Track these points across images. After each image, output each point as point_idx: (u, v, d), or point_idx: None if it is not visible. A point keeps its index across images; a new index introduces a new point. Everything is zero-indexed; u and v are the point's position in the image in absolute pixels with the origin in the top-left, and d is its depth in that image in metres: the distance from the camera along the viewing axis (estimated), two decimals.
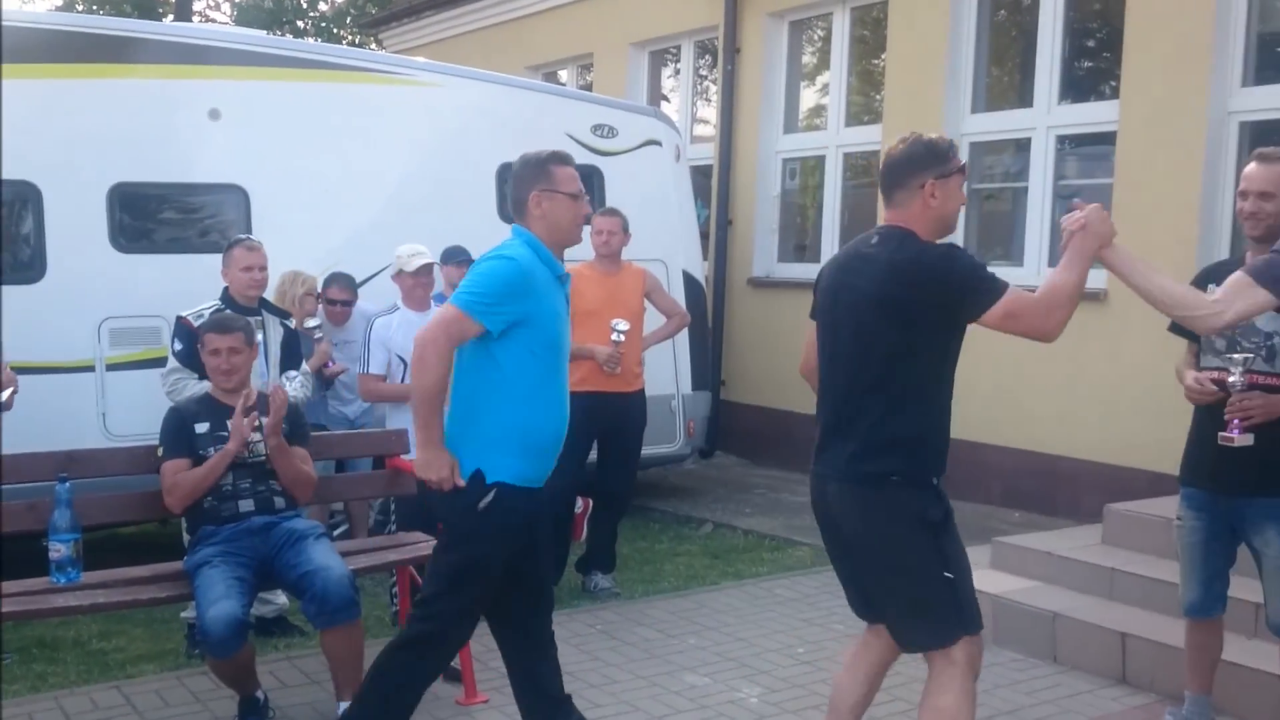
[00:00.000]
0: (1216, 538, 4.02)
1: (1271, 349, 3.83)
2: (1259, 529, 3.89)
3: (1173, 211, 7.00)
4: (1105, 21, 8.00)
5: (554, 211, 3.75)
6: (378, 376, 5.90)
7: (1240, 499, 3.90)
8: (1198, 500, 4.04)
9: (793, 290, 9.73)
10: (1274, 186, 3.81)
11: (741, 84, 10.23)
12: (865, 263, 3.32)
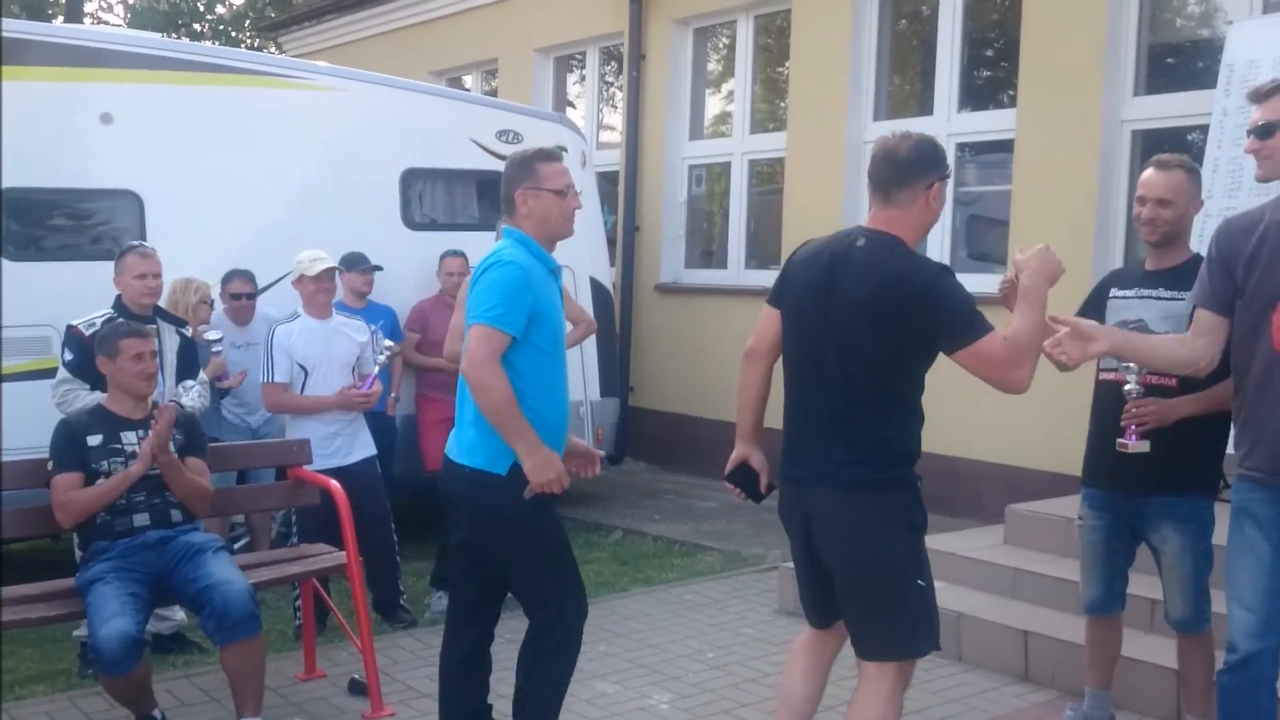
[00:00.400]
0: (1117, 537, 4.08)
1: None
2: (1157, 527, 3.96)
3: (1069, 218, 7.16)
4: (1002, 32, 8.17)
5: (540, 208, 3.75)
6: (281, 385, 5.77)
7: (1139, 498, 3.96)
8: (1099, 500, 4.10)
9: (700, 296, 9.80)
10: (1171, 193, 3.87)
11: (647, 90, 10.25)
12: (855, 267, 3.30)
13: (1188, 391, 3.81)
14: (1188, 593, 3.95)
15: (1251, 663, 3.31)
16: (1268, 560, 3.31)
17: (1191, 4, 7.33)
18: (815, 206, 8.61)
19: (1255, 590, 3.31)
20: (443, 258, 7.31)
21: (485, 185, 8.20)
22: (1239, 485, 3.42)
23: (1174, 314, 3.83)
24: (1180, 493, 3.90)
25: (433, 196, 8.03)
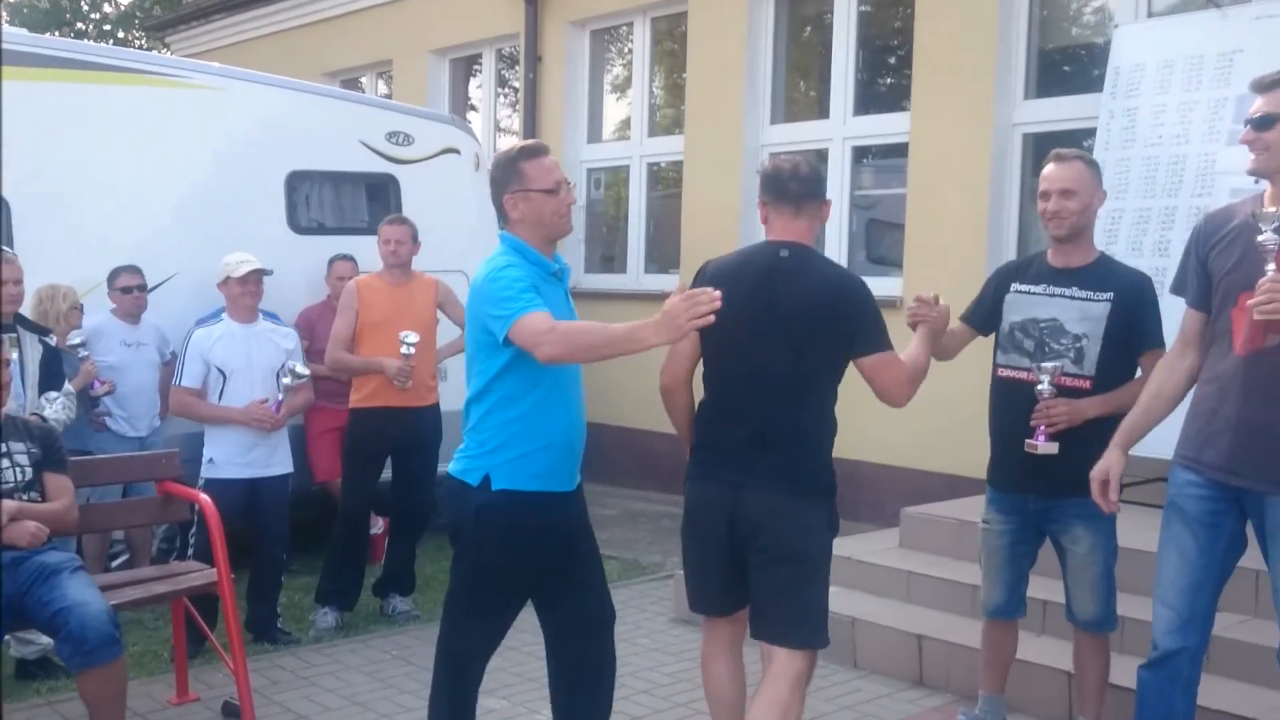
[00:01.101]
0: (1023, 540, 4.03)
1: (1080, 351, 3.84)
2: (1067, 527, 3.91)
3: (963, 220, 7.18)
4: (896, 36, 8.19)
5: (532, 211, 3.50)
6: (191, 390, 5.53)
7: (1048, 500, 3.91)
8: (1005, 503, 4.04)
9: (601, 301, 9.65)
10: (1074, 184, 3.82)
11: (544, 93, 10.12)
12: (794, 276, 3.45)
13: (1101, 393, 3.81)
14: (1099, 591, 3.92)
15: (1170, 661, 3.34)
16: (1193, 558, 3.32)
17: (1079, 8, 7.40)
18: (713, 210, 8.54)
19: (1178, 588, 3.33)
20: (331, 262, 7.11)
21: (375, 188, 7.99)
22: (1174, 473, 3.42)
23: (1091, 315, 3.80)
24: (1089, 494, 3.84)
25: (320, 199, 7.79)
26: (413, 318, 5.92)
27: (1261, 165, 3.27)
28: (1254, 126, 3.24)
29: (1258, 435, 3.20)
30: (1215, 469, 3.29)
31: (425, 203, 7.50)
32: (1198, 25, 6.00)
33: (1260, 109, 3.25)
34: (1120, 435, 3.49)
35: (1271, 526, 3.23)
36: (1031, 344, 3.92)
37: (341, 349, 5.93)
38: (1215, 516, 3.32)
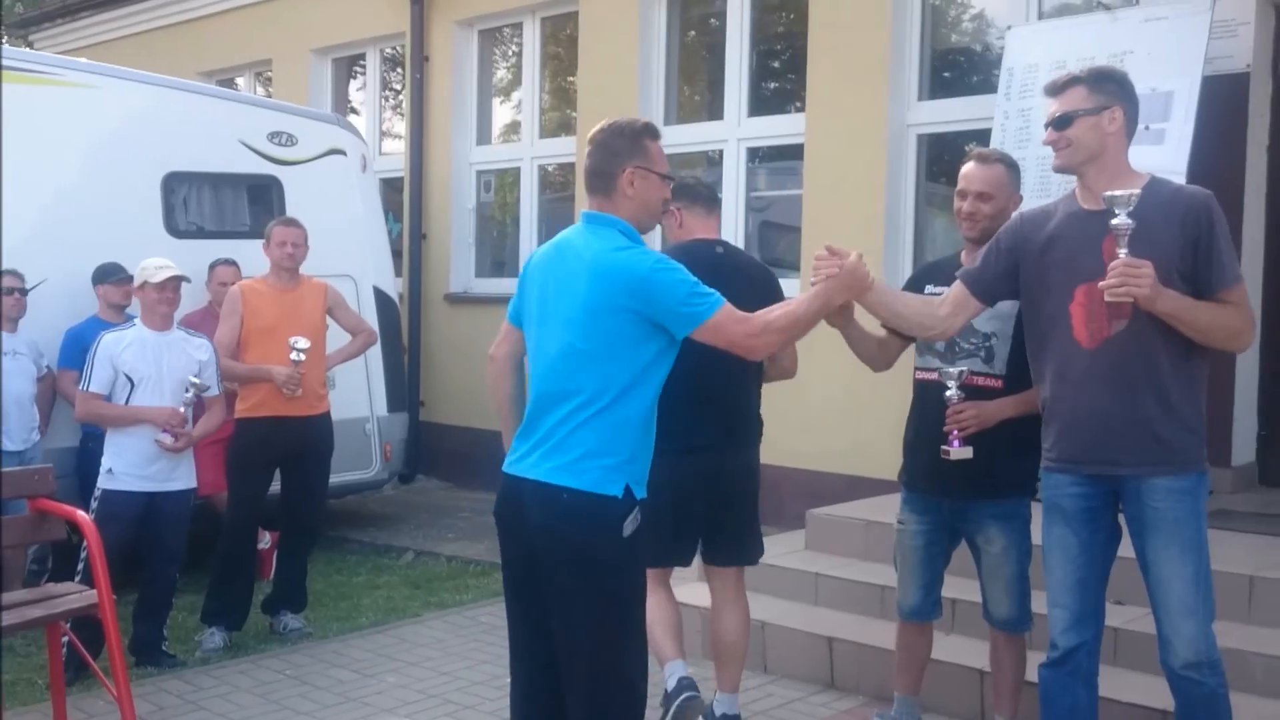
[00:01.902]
0: (938, 541, 4.02)
1: (990, 350, 3.85)
2: (981, 527, 3.91)
3: (859, 221, 7.18)
4: (790, 38, 8.18)
5: (646, 191, 3.26)
6: (96, 395, 5.23)
7: (963, 501, 3.90)
8: (920, 504, 4.02)
9: (493, 306, 9.46)
10: (991, 187, 3.84)
11: (431, 94, 9.90)
12: (732, 270, 3.99)
13: (1010, 394, 3.80)
14: (1013, 591, 3.91)
15: (1070, 658, 3.41)
16: (1076, 555, 3.40)
17: (971, 10, 7.46)
18: None
19: (1067, 586, 3.41)
20: (212, 267, 6.85)
21: (257, 190, 7.72)
22: (1047, 477, 3.48)
23: (1000, 314, 3.80)
24: (1003, 494, 3.87)
25: (199, 202, 7.49)
26: (302, 324, 5.70)
27: (1067, 161, 3.38)
28: (1054, 127, 3.36)
29: (1122, 420, 3.27)
30: (1090, 463, 3.33)
31: (310, 205, 7.27)
32: (1089, 27, 6.07)
33: (1058, 109, 3.37)
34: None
35: (1149, 514, 3.27)
36: (943, 344, 3.91)
37: (226, 356, 5.68)
38: (1091, 512, 3.38)
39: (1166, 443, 3.26)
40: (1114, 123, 3.32)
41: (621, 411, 3.18)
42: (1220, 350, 3.37)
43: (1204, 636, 3.24)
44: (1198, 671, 3.23)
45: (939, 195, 7.45)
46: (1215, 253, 3.22)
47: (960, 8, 7.46)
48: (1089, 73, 3.39)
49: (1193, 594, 3.24)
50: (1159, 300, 3.12)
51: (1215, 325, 3.22)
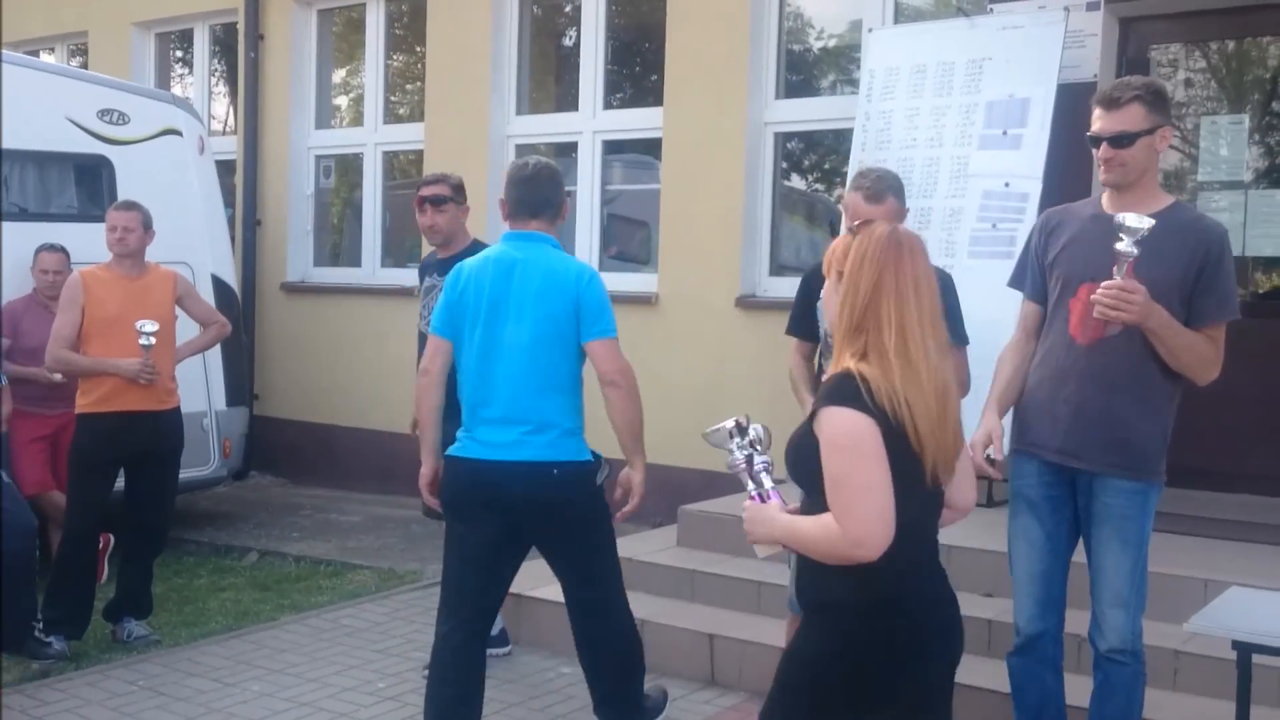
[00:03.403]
0: None
1: None
2: None
3: (717, 217, 7.23)
4: (647, 31, 8.15)
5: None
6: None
7: None
8: None
9: (332, 295, 9.20)
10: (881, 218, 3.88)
11: (267, 74, 9.49)
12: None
13: None
14: None
15: (1035, 645, 3.55)
16: (1041, 544, 3.53)
17: (828, 12, 7.57)
18: None
19: (1031, 575, 3.54)
20: (37, 253, 6.46)
21: (85, 170, 7.27)
22: (1014, 465, 3.59)
23: None
24: None
25: (21, 182, 7.01)
26: (149, 314, 5.37)
27: (1119, 179, 3.41)
28: (1112, 144, 3.36)
29: (1098, 419, 3.41)
30: (1056, 452, 3.48)
31: (144, 188, 6.85)
32: (948, 32, 6.24)
33: (1115, 127, 3.35)
34: (993, 403, 3.57)
35: (1100, 507, 3.44)
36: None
37: (65, 348, 5.31)
38: (1055, 502, 3.53)
39: (1132, 448, 3.41)
40: (1164, 141, 3.40)
41: (578, 391, 3.94)
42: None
43: (1132, 626, 3.42)
44: (1122, 656, 3.42)
45: (796, 194, 7.57)
46: (1218, 284, 3.35)
47: (817, 8, 7.56)
48: (1148, 90, 3.38)
49: (1127, 586, 3.41)
50: (1148, 319, 3.23)
51: (1191, 352, 3.36)
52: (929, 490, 2.47)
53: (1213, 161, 6.41)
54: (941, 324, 2.50)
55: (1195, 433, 5.83)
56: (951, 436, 2.48)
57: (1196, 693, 4.22)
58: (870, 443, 2.36)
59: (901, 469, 2.38)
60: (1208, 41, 6.54)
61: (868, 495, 2.35)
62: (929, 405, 2.41)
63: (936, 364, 2.44)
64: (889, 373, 2.40)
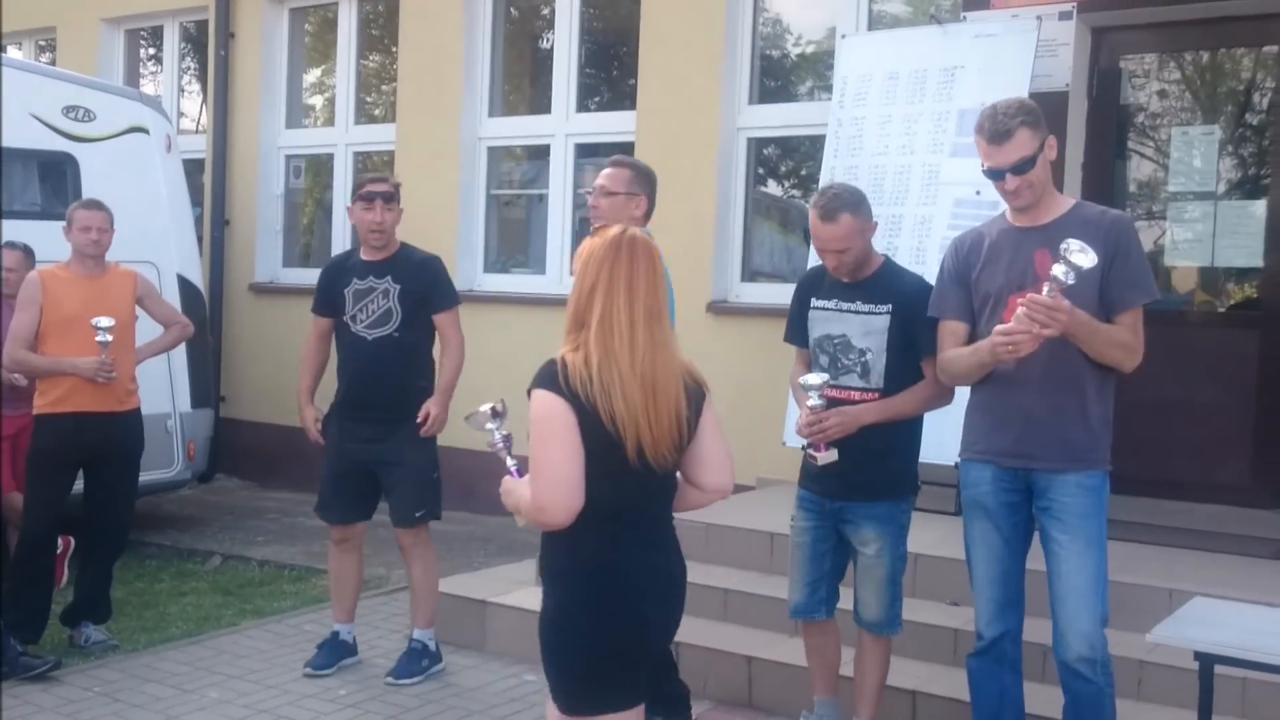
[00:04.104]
0: (824, 540, 4.07)
1: (865, 365, 3.94)
2: (858, 529, 3.98)
3: (689, 221, 7.18)
4: (621, 35, 8.12)
5: None
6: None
7: (841, 501, 3.98)
8: (809, 502, 4.10)
9: (301, 297, 9.03)
10: (844, 241, 3.87)
11: (237, 73, 9.41)
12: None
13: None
14: (883, 594, 3.98)
15: (995, 646, 3.62)
16: (998, 548, 3.60)
17: (802, 18, 7.55)
18: (429, 204, 8.16)
19: (990, 578, 3.61)
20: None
21: (50, 168, 7.18)
22: (966, 473, 3.66)
23: (875, 329, 3.92)
24: (879, 497, 3.94)
25: None
26: (108, 315, 5.28)
27: (1029, 201, 3.51)
28: (1016, 173, 3.44)
29: (1047, 418, 3.49)
30: (1009, 455, 3.54)
31: (110, 186, 6.79)
32: (922, 40, 6.23)
33: (1014, 157, 3.42)
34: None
35: (1057, 508, 3.48)
36: (827, 360, 4.02)
37: (23, 348, 5.23)
38: (1011, 507, 3.59)
39: (1079, 441, 3.49)
40: (1052, 150, 3.51)
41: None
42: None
43: (1098, 633, 3.44)
44: (1089, 667, 3.42)
45: (770, 199, 7.54)
46: (1128, 269, 3.44)
47: (792, 14, 7.55)
48: (1025, 112, 3.47)
49: (1092, 591, 3.44)
50: (1071, 329, 3.32)
51: (1111, 345, 3.44)
52: (642, 470, 2.68)
53: (1185, 172, 6.42)
54: (663, 319, 2.74)
55: (1164, 443, 5.89)
56: (669, 421, 2.70)
57: (1162, 703, 4.21)
58: (557, 422, 2.64)
59: (599, 449, 2.64)
60: (1181, 52, 6.55)
61: (550, 468, 2.63)
62: (630, 392, 2.65)
63: (646, 355, 2.68)
64: (589, 361, 2.66)
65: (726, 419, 4.65)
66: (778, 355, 6.45)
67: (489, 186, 8.41)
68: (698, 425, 2.79)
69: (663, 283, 2.78)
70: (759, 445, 6.61)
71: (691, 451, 2.80)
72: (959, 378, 3.67)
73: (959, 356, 3.60)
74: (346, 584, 5.23)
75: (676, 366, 2.75)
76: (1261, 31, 6.14)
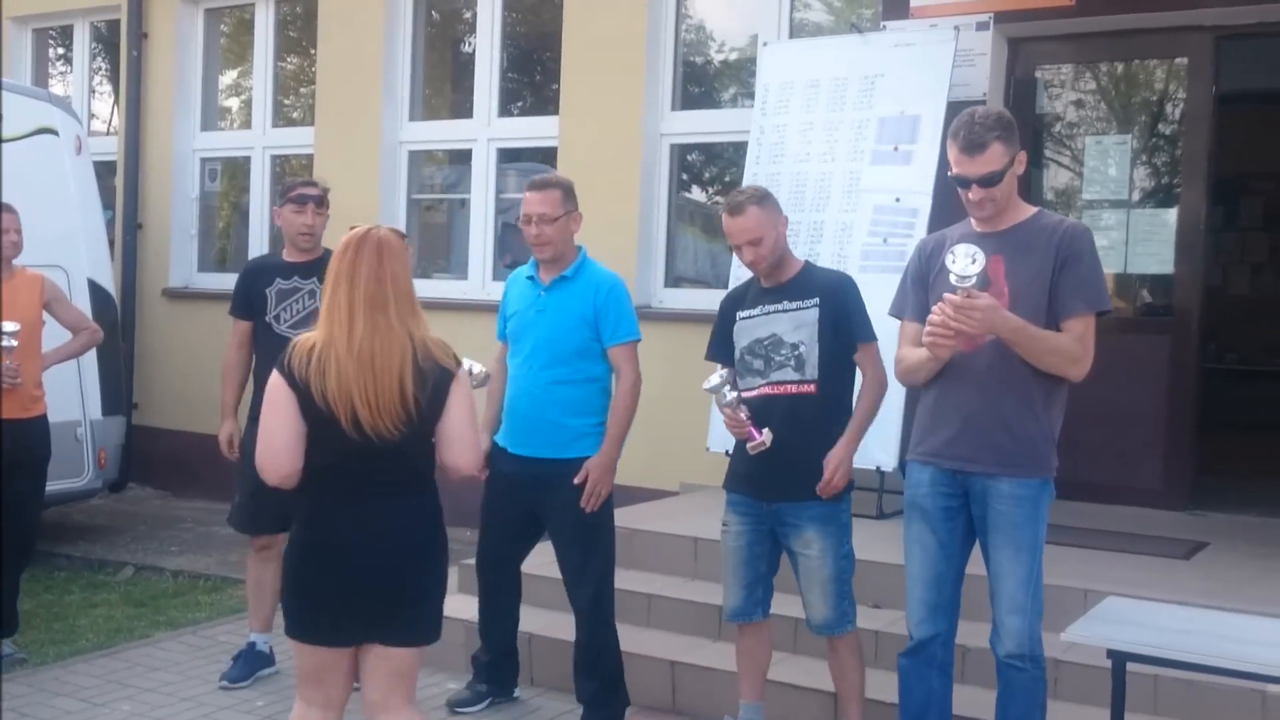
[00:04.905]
0: (759, 543, 4.07)
1: (799, 358, 3.96)
2: (799, 532, 3.98)
3: (612, 227, 7.15)
4: (544, 39, 8.09)
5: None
6: None
7: (778, 504, 3.99)
8: (741, 505, 4.10)
9: (217, 302, 8.88)
10: (754, 232, 3.92)
11: (151, 74, 9.22)
12: None
13: (823, 396, 3.94)
14: (830, 595, 3.98)
15: (925, 647, 3.65)
16: (933, 551, 3.62)
17: (724, 25, 7.59)
18: (349, 208, 7.96)
19: (924, 581, 3.63)
20: None
21: None
22: (909, 474, 3.69)
23: (805, 322, 3.96)
24: (816, 496, 3.94)
25: None
26: (15, 320, 5.12)
27: (994, 212, 3.55)
28: (983, 185, 3.46)
29: (987, 423, 3.51)
30: (948, 458, 3.56)
31: (16, 188, 6.52)
32: (842, 48, 6.29)
33: (984, 169, 3.44)
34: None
35: (993, 514, 3.52)
36: (760, 362, 4.03)
37: None
38: (949, 511, 3.61)
39: (1019, 446, 3.50)
40: (1021, 165, 3.53)
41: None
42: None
43: (1029, 632, 3.49)
44: (1021, 661, 3.50)
45: (694, 205, 7.56)
46: (1076, 275, 3.46)
47: (715, 21, 7.57)
48: (1002, 127, 3.48)
49: (1023, 593, 3.49)
50: (996, 330, 3.36)
51: (1052, 353, 3.45)
52: (361, 440, 3.01)
53: (1100, 181, 6.56)
54: (388, 308, 3.06)
55: (1082, 447, 5.99)
56: (389, 398, 3.01)
57: (1077, 701, 4.27)
58: (275, 395, 3.06)
59: (317, 422, 3.03)
60: (1096, 63, 6.69)
61: (267, 435, 3.08)
62: (345, 372, 2.99)
63: (365, 339, 3.02)
64: (314, 345, 3.04)
65: (649, 425, 4.72)
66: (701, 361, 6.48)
67: (410, 191, 8.32)
68: (445, 405, 3.11)
69: (398, 274, 3.11)
70: (682, 451, 6.62)
71: (439, 430, 3.13)
72: (909, 374, 3.68)
73: (911, 353, 3.64)
74: (265, 593, 5.12)
75: (400, 349, 3.04)
76: (1174, 43, 6.29)
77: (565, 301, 4.47)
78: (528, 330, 4.51)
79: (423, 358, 3.07)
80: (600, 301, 4.46)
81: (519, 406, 4.50)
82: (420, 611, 3.19)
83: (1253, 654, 3.22)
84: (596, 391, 4.48)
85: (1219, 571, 5.13)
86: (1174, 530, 5.82)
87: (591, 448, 4.39)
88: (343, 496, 3.09)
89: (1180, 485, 6.25)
